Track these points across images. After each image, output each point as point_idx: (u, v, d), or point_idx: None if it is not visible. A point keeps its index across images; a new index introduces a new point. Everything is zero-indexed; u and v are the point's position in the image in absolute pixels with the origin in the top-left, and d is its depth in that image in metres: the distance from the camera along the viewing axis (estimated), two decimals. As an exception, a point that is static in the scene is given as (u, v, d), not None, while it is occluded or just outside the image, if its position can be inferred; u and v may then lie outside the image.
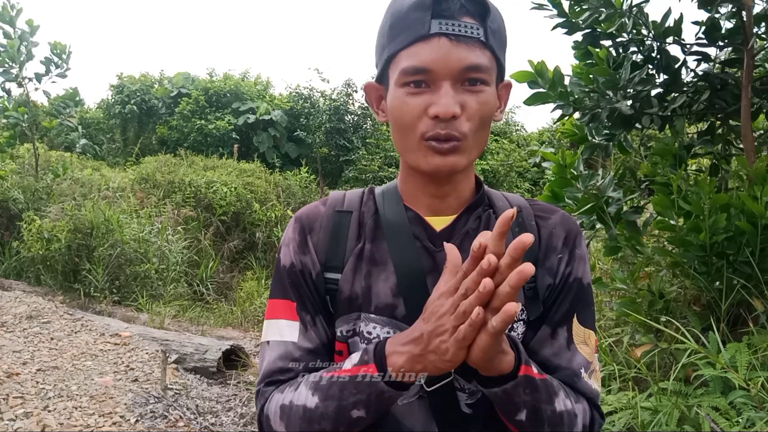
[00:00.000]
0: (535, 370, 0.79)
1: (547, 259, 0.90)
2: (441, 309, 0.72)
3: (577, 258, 0.90)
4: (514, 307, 0.64)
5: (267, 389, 0.87)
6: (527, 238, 0.63)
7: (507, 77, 0.91)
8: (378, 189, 0.96)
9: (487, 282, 0.65)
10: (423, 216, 0.90)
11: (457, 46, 0.79)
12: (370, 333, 0.87)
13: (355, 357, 0.80)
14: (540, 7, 2.65)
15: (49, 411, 3.41)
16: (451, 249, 0.74)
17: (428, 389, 0.82)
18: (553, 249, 0.90)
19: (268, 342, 0.89)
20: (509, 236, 0.90)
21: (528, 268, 0.63)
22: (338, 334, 0.89)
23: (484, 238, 0.68)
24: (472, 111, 0.81)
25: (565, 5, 2.62)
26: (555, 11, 2.64)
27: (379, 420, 0.84)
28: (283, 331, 0.88)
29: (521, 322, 0.88)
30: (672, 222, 2.44)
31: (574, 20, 2.63)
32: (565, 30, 2.69)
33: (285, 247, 0.92)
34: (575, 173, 2.66)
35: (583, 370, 0.87)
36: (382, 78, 0.88)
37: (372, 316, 0.87)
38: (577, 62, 2.78)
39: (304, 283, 0.89)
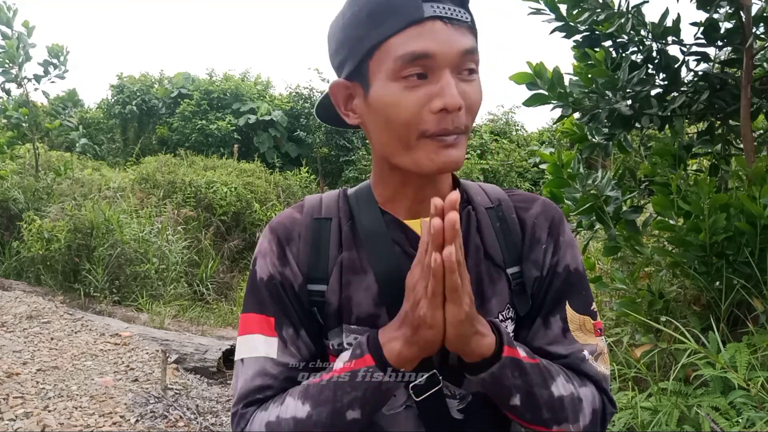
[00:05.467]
0: (522, 353, 0.77)
1: (532, 252, 0.87)
2: (413, 279, 0.71)
3: (563, 245, 0.88)
4: (455, 195, 0.65)
5: (247, 410, 0.80)
6: (454, 195, 0.66)
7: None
8: (350, 191, 0.90)
9: (435, 223, 0.65)
10: (402, 219, 0.86)
11: (453, 29, 0.74)
12: (351, 345, 0.82)
13: (345, 355, 0.77)
14: (538, 12, 2.64)
15: (49, 411, 3.41)
16: (423, 225, 0.72)
17: (417, 399, 0.79)
18: (537, 241, 0.87)
19: (242, 360, 0.83)
20: (493, 233, 0.88)
21: (453, 195, 0.65)
22: (330, 347, 0.85)
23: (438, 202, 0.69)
24: (470, 102, 0.77)
25: (562, 8, 2.62)
26: (553, 15, 2.64)
27: (367, 430, 0.81)
28: (260, 347, 0.82)
29: (510, 321, 0.86)
30: (672, 222, 2.44)
31: (572, 24, 2.63)
32: (563, 33, 2.69)
33: (261, 259, 0.86)
34: (572, 173, 2.66)
35: (586, 353, 0.84)
36: (358, 73, 0.78)
37: (353, 327, 0.83)
38: (577, 63, 2.78)
39: (285, 296, 0.84)
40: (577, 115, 2.80)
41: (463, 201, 0.89)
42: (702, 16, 2.57)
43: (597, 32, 2.64)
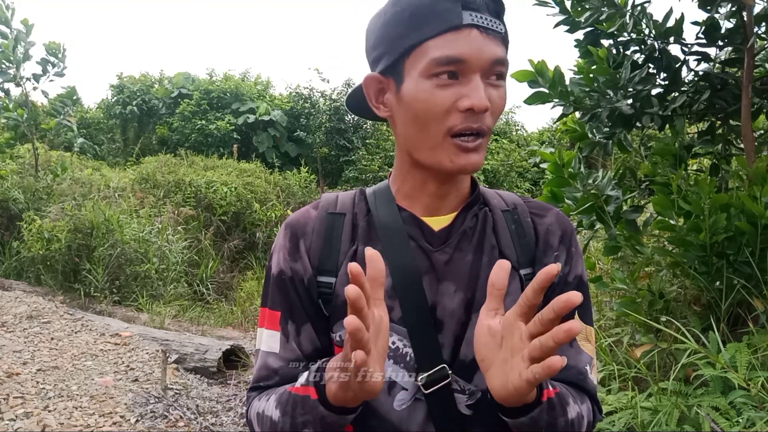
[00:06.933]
0: (550, 387, 0.79)
1: (545, 256, 0.91)
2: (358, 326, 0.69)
3: (575, 256, 0.92)
4: (559, 362, 0.63)
5: (251, 395, 0.90)
6: (553, 269, 0.66)
7: None
8: (369, 189, 0.95)
9: (358, 355, 0.63)
10: (419, 216, 0.89)
11: (487, 38, 0.79)
12: None
13: (304, 375, 0.80)
14: (543, 3, 2.65)
15: (49, 411, 3.41)
16: (371, 257, 0.71)
17: (426, 391, 0.81)
18: (550, 247, 0.91)
19: (258, 351, 0.91)
20: (508, 234, 0.91)
21: (576, 325, 0.62)
22: (337, 338, 0.86)
23: (496, 276, 0.71)
24: (495, 106, 0.82)
25: (567, 3, 2.63)
26: (557, 9, 2.65)
27: (375, 424, 0.84)
28: (267, 340, 0.89)
29: None
30: (672, 222, 2.44)
31: (576, 18, 2.63)
32: (566, 28, 2.70)
33: (275, 255, 0.91)
34: (573, 172, 2.66)
35: (588, 367, 0.88)
36: (393, 69, 0.84)
37: None
38: (581, 60, 2.78)
39: (294, 292, 0.88)
40: (577, 113, 2.80)
41: (480, 203, 0.92)
42: (703, 15, 2.58)
43: (599, 30, 2.64)
